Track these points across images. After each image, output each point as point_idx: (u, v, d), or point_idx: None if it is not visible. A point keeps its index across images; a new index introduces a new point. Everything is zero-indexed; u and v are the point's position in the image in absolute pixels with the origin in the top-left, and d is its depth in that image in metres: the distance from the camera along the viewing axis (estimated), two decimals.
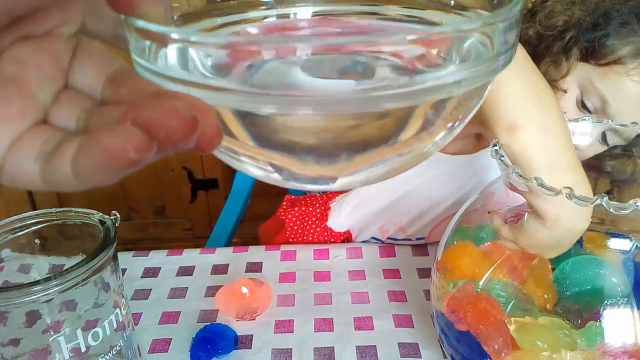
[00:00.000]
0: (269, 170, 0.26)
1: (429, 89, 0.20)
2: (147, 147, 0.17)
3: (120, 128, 0.17)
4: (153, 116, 0.17)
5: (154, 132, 0.17)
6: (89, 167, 0.17)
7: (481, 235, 0.51)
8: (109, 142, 0.17)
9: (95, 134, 0.17)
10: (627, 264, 0.44)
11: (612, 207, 0.39)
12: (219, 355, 0.59)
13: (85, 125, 0.21)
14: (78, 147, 0.18)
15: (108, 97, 0.22)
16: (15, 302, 0.41)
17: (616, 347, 0.41)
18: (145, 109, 0.17)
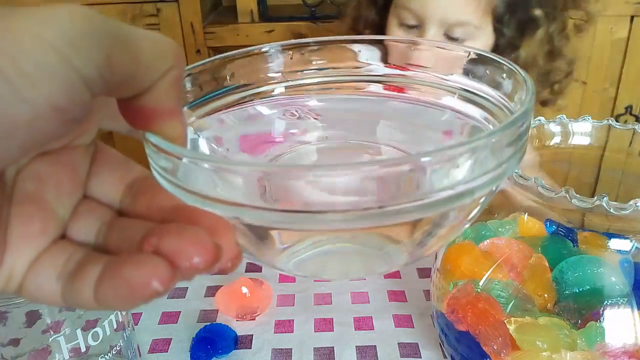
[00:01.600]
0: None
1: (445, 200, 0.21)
2: (171, 279, 0.17)
3: (143, 258, 0.17)
4: (176, 246, 0.17)
5: (177, 262, 0.17)
6: (112, 296, 0.17)
7: (481, 234, 0.52)
8: (132, 274, 0.17)
9: (118, 264, 0.17)
10: (624, 265, 0.44)
11: (612, 207, 0.39)
12: (219, 355, 0.59)
13: (105, 240, 0.21)
14: (101, 273, 0.18)
15: (127, 206, 0.22)
16: (15, 302, 0.41)
17: (616, 347, 0.41)
18: (167, 236, 0.17)
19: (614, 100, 1.59)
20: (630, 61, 1.53)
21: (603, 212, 0.40)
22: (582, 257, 0.45)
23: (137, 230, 0.19)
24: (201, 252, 0.17)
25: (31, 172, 0.20)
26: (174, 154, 0.21)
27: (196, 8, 1.44)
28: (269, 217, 0.20)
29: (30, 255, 0.19)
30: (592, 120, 0.54)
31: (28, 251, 0.19)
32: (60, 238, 0.20)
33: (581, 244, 0.48)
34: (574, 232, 0.48)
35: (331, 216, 0.20)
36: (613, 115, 1.61)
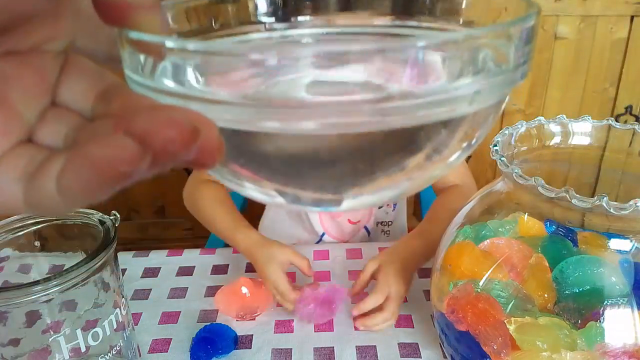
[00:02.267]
0: (273, 195, 0.24)
1: (445, 101, 0.18)
2: (140, 158, 0.15)
3: (109, 138, 0.15)
4: (148, 126, 0.15)
5: (148, 142, 0.15)
6: (76, 183, 0.15)
7: (481, 234, 0.51)
8: (97, 154, 0.15)
9: (82, 147, 0.15)
10: (624, 265, 0.44)
11: (612, 207, 0.39)
12: (219, 355, 0.59)
13: (73, 143, 0.19)
14: (64, 163, 0.16)
15: (99, 112, 0.20)
16: (15, 302, 0.41)
17: (616, 347, 0.41)
18: (138, 117, 0.16)
19: (614, 100, 1.60)
20: (630, 61, 1.53)
21: (603, 212, 0.40)
22: (582, 257, 0.45)
23: (105, 127, 0.18)
24: (175, 130, 0.15)
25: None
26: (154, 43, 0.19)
27: None
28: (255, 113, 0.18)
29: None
30: (592, 120, 0.54)
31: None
32: (26, 142, 0.19)
33: (581, 244, 0.48)
34: (574, 232, 0.48)
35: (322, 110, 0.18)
36: (613, 115, 1.61)
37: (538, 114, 1.39)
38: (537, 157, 0.54)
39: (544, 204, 0.45)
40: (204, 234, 1.02)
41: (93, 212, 0.50)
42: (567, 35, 1.52)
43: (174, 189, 1.75)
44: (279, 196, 0.24)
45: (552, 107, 1.61)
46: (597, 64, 1.55)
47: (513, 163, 0.49)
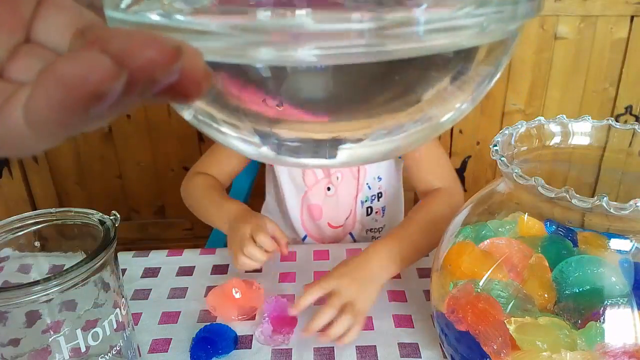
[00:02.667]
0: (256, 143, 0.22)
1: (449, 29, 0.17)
2: (115, 75, 0.13)
3: (83, 54, 0.14)
4: (126, 44, 0.14)
5: (125, 60, 0.14)
6: (45, 106, 0.14)
7: (481, 234, 0.51)
8: (68, 70, 0.13)
9: (52, 65, 0.14)
10: (624, 265, 0.44)
11: (612, 207, 0.39)
12: (219, 355, 0.59)
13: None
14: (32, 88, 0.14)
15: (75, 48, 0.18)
16: (15, 302, 0.41)
17: (616, 347, 0.41)
18: (116, 38, 0.14)
19: (614, 100, 1.60)
20: (630, 61, 1.53)
21: (603, 212, 0.39)
22: (582, 257, 0.45)
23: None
24: (154, 47, 0.14)
25: None
26: None
27: None
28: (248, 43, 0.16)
29: None
30: (592, 120, 0.54)
31: None
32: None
33: (581, 244, 0.48)
34: (574, 232, 0.48)
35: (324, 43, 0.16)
36: (613, 115, 1.61)
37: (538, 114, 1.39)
38: (537, 157, 0.54)
39: (544, 204, 0.45)
40: (204, 234, 1.02)
41: (93, 212, 0.50)
42: (567, 35, 1.52)
43: (174, 189, 1.76)
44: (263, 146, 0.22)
45: (552, 107, 1.61)
46: (597, 64, 1.55)
47: (513, 163, 0.49)
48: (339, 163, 0.23)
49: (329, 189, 0.90)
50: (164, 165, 1.67)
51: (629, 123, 0.52)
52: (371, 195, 0.91)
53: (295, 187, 0.92)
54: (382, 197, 0.92)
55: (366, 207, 0.92)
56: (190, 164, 1.81)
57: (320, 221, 0.92)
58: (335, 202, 0.90)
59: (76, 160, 1.65)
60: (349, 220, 0.92)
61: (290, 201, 0.92)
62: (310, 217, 0.92)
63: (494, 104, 1.59)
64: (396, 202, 0.95)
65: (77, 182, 1.68)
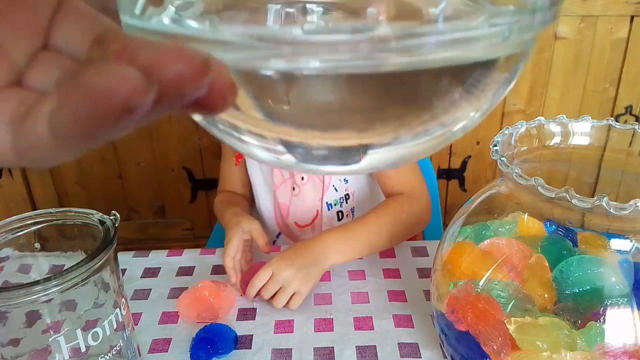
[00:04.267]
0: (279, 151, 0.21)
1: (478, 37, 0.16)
2: (145, 90, 0.13)
3: (111, 66, 0.13)
4: (155, 56, 0.13)
5: (155, 74, 0.13)
6: (71, 119, 0.13)
7: (481, 234, 0.52)
8: (96, 83, 0.13)
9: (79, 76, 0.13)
10: (624, 265, 0.44)
11: (612, 207, 0.39)
12: (219, 355, 0.59)
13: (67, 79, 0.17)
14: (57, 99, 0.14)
15: (95, 57, 0.18)
16: (15, 302, 0.41)
17: (616, 347, 0.41)
18: (145, 50, 0.14)
19: (614, 100, 1.60)
20: (630, 61, 1.53)
21: (603, 212, 0.39)
22: (582, 257, 0.45)
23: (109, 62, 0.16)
24: (184, 60, 0.14)
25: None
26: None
27: None
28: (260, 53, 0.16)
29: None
30: (592, 120, 0.54)
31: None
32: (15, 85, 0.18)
33: (581, 244, 0.48)
34: (574, 232, 0.48)
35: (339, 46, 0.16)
36: (613, 115, 1.61)
37: (538, 114, 1.39)
38: (537, 157, 0.54)
39: (544, 204, 0.45)
40: (204, 234, 1.02)
41: (93, 212, 0.50)
42: (567, 35, 1.52)
43: (174, 189, 1.76)
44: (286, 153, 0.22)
45: (552, 107, 1.61)
46: (597, 64, 1.55)
47: (513, 163, 0.49)
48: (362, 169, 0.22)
49: (294, 189, 0.91)
50: (164, 165, 1.67)
51: (629, 123, 0.52)
52: (339, 197, 0.91)
53: (266, 184, 0.93)
54: (350, 199, 0.92)
55: (336, 212, 0.92)
56: (190, 164, 1.81)
57: (288, 220, 0.94)
58: (301, 202, 0.91)
59: (76, 160, 1.65)
60: (317, 221, 0.92)
61: (263, 198, 0.94)
62: (280, 215, 0.94)
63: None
64: (368, 203, 0.93)
65: (77, 182, 1.68)
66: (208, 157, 1.65)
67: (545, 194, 0.42)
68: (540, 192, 0.42)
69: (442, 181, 1.71)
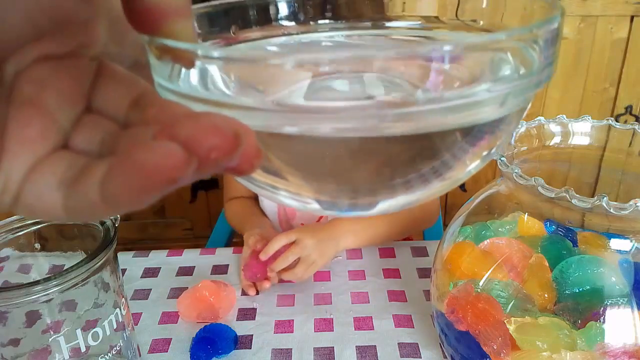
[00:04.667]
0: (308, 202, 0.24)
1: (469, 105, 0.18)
2: (187, 164, 0.15)
3: (157, 143, 0.15)
4: (193, 132, 0.15)
5: (194, 148, 0.15)
6: (121, 190, 0.15)
7: (481, 234, 0.52)
8: (145, 159, 0.15)
9: (129, 152, 0.15)
10: (624, 265, 0.44)
11: (612, 207, 0.39)
12: (219, 355, 0.59)
13: (111, 148, 0.19)
14: (108, 168, 0.16)
15: (133, 120, 0.20)
16: (15, 302, 0.41)
17: (616, 347, 0.41)
18: (182, 123, 0.15)
19: (614, 100, 1.60)
20: (630, 61, 1.53)
21: (603, 212, 0.39)
22: (582, 257, 0.45)
23: (147, 134, 0.17)
24: (220, 137, 0.15)
25: (32, 75, 0.19)
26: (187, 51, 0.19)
27: None
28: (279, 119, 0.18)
29: (28, 161, 0.18)
30: (592, 120, 0.54)
31: (26, 157, 0.18)
32: (60, 148, 0.19)
33: (581, 244, 0.48)
34: (574, 232, 0.48)
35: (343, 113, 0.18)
36: (613, 115, 1.61)
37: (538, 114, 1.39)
38: (537, 157, 0.54)
39: (544, 204, 0.45)
40: (204, 234, 1.02)
41: None
42: (567, 35, 1.52)
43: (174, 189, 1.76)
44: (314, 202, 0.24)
45: (552, 107, 1.61)
46: (597, 64, 1.55)
47: (513, 163, 0.49)
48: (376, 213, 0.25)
49: None
50: None
51: (629, 123, 0.52)
52: None
53: None
54: None
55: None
56: None
57: (294, 222, 0.94)
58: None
59: None
60: (322, 221, 0.92)
61: (267, 200, 0.95)
62: (285, 216, 0.94)
63: None
64: None
65: None
66: None
67: (545, 194, 0.42)
68: (540, 192, 0.42)
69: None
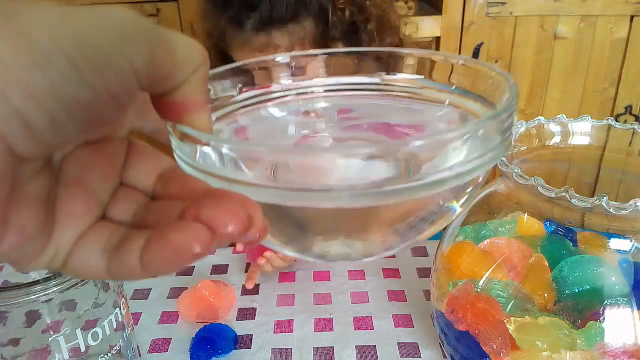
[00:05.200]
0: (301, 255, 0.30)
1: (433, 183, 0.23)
2: (211, 242, 0.18)
3: (186, 224, 0.19)
4: (214, 215, 0.19)
5: (216, 230, 0.19)
6: (158, 261, 0.19)
7: (481, 234, 0.52)
8: (177, 238, 0.18)
9: (163, 231, 0.19)
10: (624, 265, 0.44)
11: (612, 207, 0.39)
12: (219, 355, 0.59)
13: (143, 220, 0.23)
14: (146, 242, 0.19)
15: (159, 192, 0.24)
16: (15, 302, 0.41)
17: (616, 347, 0.41)
18: (206, 207, 0.19)
19: (614, 100, 1.59)
20: (630, 61, 1.53)
21: (603, 212, 0.40)
22: (582, 257, 0.45)
23: (173, 209, 0.21)
24: (236, 220, 0.19)
25: (76, 158, 0.22)
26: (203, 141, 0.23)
27: (196, 8, 1.44)
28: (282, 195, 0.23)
29: (75, 232, 0.21)
30: (592, 120, 0.54)
31: (74, 229, 0.21)
32: (101, 219, 0.22)
33: (581, 244, 0.48)
34: (574, 232, 0.48)
35: (335, 194, 0.22)
36: (613, 115, 1.61)
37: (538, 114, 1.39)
38: (537, 157, 0.54)
39: (544, 204, 0.45)
40: None
41: None
42: (567, 35, 1.52)
43: None
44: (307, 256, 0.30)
45: (552, 107, 1.61)
46: (597, 64, 1.55)
47: (513, 163, 0.49)
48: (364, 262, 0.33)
49: None
50: None
51: (629, 123, 0.52)
52: None
53: None
54: None
55: None
56: None
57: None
58: None
59: None
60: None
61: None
62: None
63: None
64: None
65: None
66: None
67: (545, 194, 0.42)
68: (540, 192, 0.42)
69: None
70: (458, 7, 1.46)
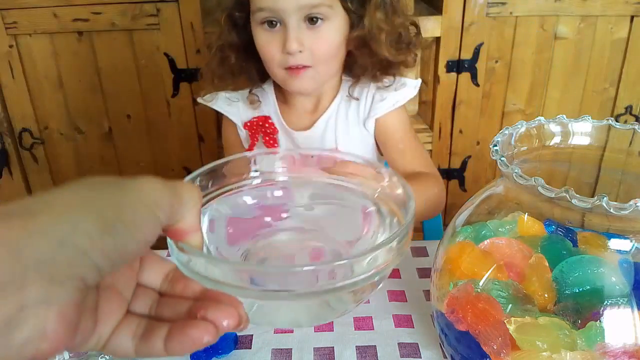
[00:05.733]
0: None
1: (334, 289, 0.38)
2: (216, 335, 0.28)
3: (198, 322, 0.29)
4: (217, 315, 0.29)
5: (219, 326, 0.29)
6: (180, 348, 0.29)
7: (481, 234, 0.52)
8: (193, 333, 0.28)
9: (182, 327, 0.29)
10: (624, 265, 0.44)
11: (612, 207, 0.39)
12: (219, 355, 0.59)
13: (157, 314, 0.32)
14: (168, 333, 0.29)
15: (166, 290, 0.33)
16: None
17: (616, 347, 0.41)
18: (209, 310, 0.29)
19: (614, 100, 1.60)
20: (630, 61, 1.53)
21: (603, 212, 0.40)
22: (582, 257, 0.45)
23: (180, 306, 0.32)
24: (232, 319, 0.29)
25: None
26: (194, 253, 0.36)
27: (196, 8, 1.44)
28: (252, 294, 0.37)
29: (112, 325, 0.30)
30: (592, 120, 0.54)
31: (111, 323, 0.30)
32: (127, 313, 0.31)
33: (581, 244, 0.48)
34: (573, 232, 0.48)
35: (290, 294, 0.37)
36: (613, 115, 1.61)
37: (538, 114, 1.40)
38: (537, 157, 0.54)
39: (544, 204, 0.45)
40: None
41: None
42: (567, 35, 1.52)
43: None
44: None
45: (552, 107, 1.61)
46: (597, 64, 1.55)
47: (513, 163, 0.49)
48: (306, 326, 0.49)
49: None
50: (164, 165, 1.67)
51: (629, 123, 0.52)
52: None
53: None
54: None
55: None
56: (190, 165, 1.81)
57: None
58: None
59: (76, 161, 1.65)
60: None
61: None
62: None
63: (494, 104, 1.59)
64: None
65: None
66: (208, 157, 1.65)
67: (545, 194, 0.42)
68: (540, 192, 0.42)
69: (442, 181, 1.71)
70: (458, 7, 1.46)
